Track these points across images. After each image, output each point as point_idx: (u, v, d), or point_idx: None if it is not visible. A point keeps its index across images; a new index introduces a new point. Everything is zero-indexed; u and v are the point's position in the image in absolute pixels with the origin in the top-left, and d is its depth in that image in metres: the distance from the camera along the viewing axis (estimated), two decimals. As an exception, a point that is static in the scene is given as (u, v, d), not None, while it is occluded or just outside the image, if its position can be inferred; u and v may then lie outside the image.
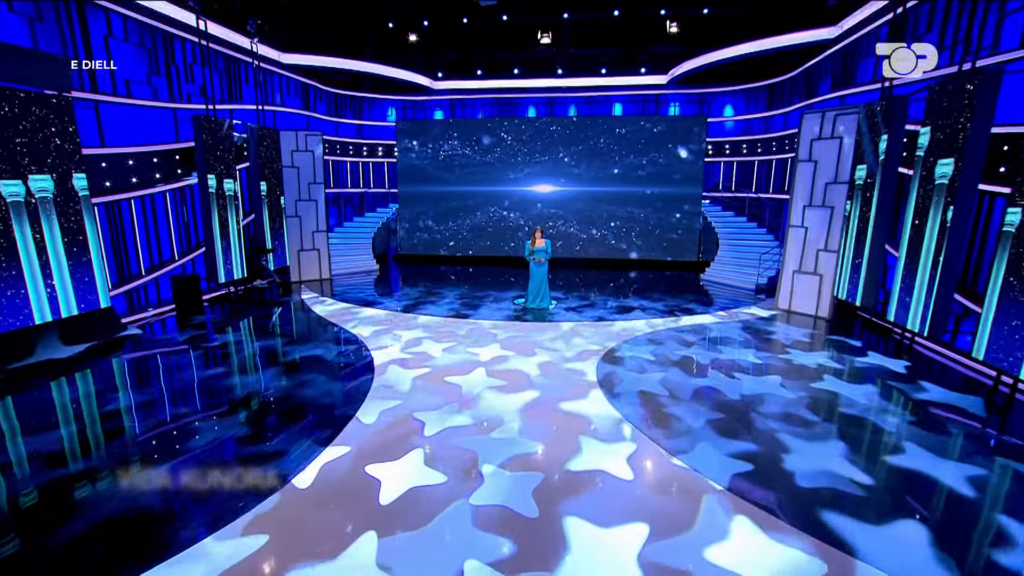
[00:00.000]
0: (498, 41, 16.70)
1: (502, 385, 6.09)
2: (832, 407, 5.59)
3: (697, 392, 5.93)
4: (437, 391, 5.91)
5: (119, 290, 9.14)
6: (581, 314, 9.82)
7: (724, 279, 13.57)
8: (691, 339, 8.14)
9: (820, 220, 9.56)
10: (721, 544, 3.35)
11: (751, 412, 5.39)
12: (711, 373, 6.55)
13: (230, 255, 10.92)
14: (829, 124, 9.24)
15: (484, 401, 5.63)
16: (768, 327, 9.02)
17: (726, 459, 4.44)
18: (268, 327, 9.03)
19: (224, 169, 10.57)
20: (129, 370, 6.78)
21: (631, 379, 6.32)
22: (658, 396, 5.79)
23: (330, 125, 17.63)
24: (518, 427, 5.00)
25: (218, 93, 11.98)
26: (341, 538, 3.37)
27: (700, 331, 8.68)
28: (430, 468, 4.26)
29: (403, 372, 6.52)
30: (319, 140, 13.21)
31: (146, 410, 5.46)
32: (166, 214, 10.36)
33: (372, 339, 8.01)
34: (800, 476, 4.20)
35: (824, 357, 7.27)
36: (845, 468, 4.32)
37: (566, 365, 6.80)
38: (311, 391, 5.92)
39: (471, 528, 3.50)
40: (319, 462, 4.32)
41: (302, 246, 13.30)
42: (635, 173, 15.65)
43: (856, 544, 3.35)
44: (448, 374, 6.45)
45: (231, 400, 5.71)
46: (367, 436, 4.80)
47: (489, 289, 12.38)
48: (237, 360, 7.11)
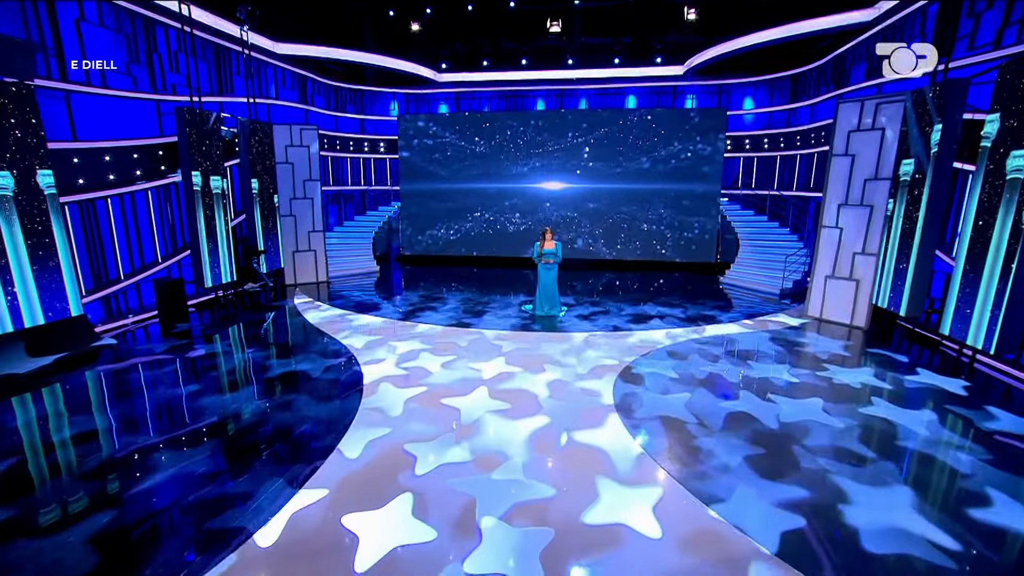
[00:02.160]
0: (505, 30, 15.89)
1: (506, 409, 5.34)
2: (888, 439, 4.78)
3: (729, 419, 5.14)
4: (432, 417, 5.18)
5: (93, 296, 8.48)
6: (594, 322, 9.04)
7: (746, 283, 12.72)
8: (716, 352, 7.33)
9: (857, 220, 8.69)
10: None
11: (794, 445, 4.60)
12: (743, 395, 5.76)
13: (217, 257, 10.25)
14: (869, 114, 8.36)
15: (486, 429, 4.89)
16: (800, 338, 8.19)
17: (772, 510, 3.66)
18: (254, 337, 8.34)
19: (210, 165, 9.89)
20: (91, 389, 6.09)
21: (653, 401, 5.54)
22: (685, 424, 5.01)
23: (329, 119, 16.93)
24: (523, 464, 4.26)
25: (205, 84, 11.30)
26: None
27: (725, 343, 7.87)
28: (418, 519, 3.54)
29: (395, 392, 5.79)
30: (315, 134, 12.50)
31: (98, 439, 4.77)
32: (148, 214, 9.69)
33: (365, 351, 7.29)
34: (866, 536, 3.41)
35: (868, 375, 6.44)
36: (920, 525, 3.53)
37: (579, 384, 6.04)
38: (290, 415, 5.21)
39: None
40: (289, 509, 3.62)
41: (297, 247, 12.61)
42: (649, 169, 14.79)
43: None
44: (446, 395, 5.73)
45: (198, 427, 5.00)
46: (348, 475, 4.09)
47: (495, 293, 11.63)
48: (214, 377, 6.41)
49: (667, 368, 6.60)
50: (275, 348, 7.65)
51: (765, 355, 7.25)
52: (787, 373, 6.48)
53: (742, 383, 6.11)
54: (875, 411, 5.36)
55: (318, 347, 7.56)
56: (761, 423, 5.04)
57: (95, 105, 8.48)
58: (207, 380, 6.29)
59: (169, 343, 7.69)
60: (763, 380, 6.22)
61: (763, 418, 5.15)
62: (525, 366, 6.64)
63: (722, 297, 11.45)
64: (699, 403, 5.50)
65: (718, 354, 7.26)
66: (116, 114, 8.88)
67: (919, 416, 5.27)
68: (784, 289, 11.61)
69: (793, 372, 6.52)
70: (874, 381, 6.23)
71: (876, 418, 5.20)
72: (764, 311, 10.00)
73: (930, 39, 9.12)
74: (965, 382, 6.19)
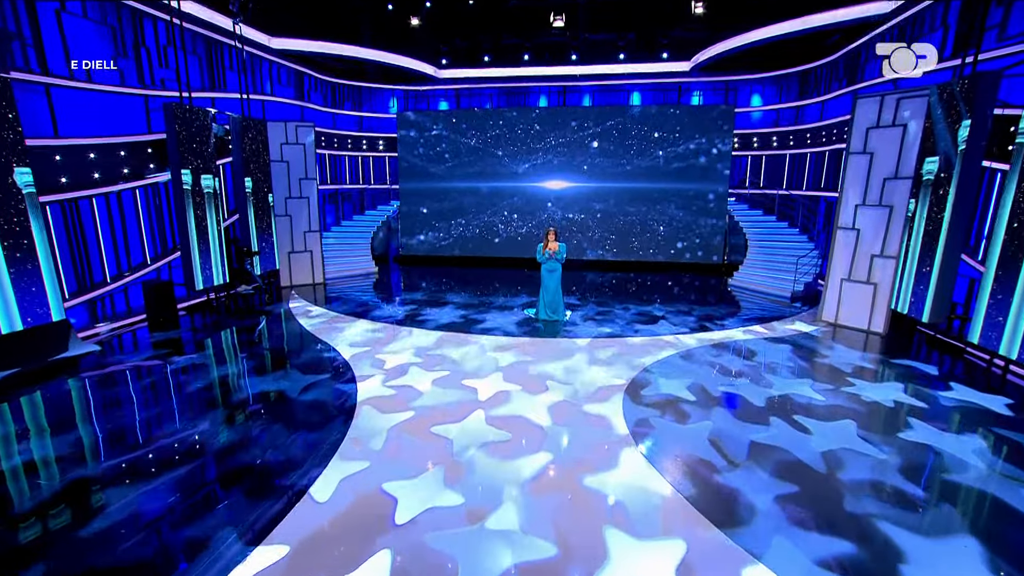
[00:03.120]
0: (507, 25, 15.49)
1: (503, 441, 4.74)
2: (939, 473, 4.29)
3: (755, 449, 4.63)
4: (418, 449, 4.59)
5: (77, 300, 8.12)
6: (599, 324, 8.67)
7: (755, 285, 12.32)
8: (732, 365, 6.89)
9: (876, 221, 8.30)
10: None
11: (831, 481, 4.12)
12: (767, 416, 5.29)
13: (209, 259, 9.89)
14: (890, 109, 7.97)
15: (479, 466, 4.30)
16: (817, 346, 7.80)
17: (814, 570, 3.15)
18: (244, 344, 7.98)
19: (201, 163, 9.52)
20: (53, 404, 5.71)
21: (668, 430, 5.01)
22: (705, 458, 4.46)
23: (327, 117, 16.54)
24: (521, 512, 3.71)
25: (197, 79, 10.92)
26: None
27: (740, 352, 7.48)
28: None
29: (379, 418, 5.20)
30: (311, 131, 12.13)
31: (36, 469, 4.28)
32: (136, 213, 9.33)
33: (354, 363, 6.82)
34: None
35: (898, 391, 6.01)
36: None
37: (585, 407, 5.49)
38: (259, 447, 4.63)
39: None
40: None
41: (293, 248, 12.25)
42: (654, 168, 14.39)
43: None
44: (436, 420, 5.15)
45: (157, 459, 4.45)
46: (316, 527, 3.52)
47: (495, 295, 11.24)
48: (187, 395, 5.88)
49: (681, 386, 6.16)
50: (260, 359, 7.23)
51: (784, 367, 6.85)
52: (810, 389, 6.03)
53: (765, 404, 5.63)
54: (916, 436, 4.89)
55: (305, 358, 7.14)
56: (791, 453, 4.54)
57: (79, 100, 8.10)
58: (180, 399, 5.79)
59: (152, 351, 7.32)
60: (786, 399, 5.76)
61: (792, 447, 4.65)
62: (525, 384, 6.09)
63: (732, 300, 11.06)
64: (721, 430, 4.99)
65: (734, 367, 6.86)
66: (101, 110, 8.51)
67: (966, 443, 4.78)
68: (795, 292, 11.22)
69: (817, 388, 6.06)
70: (908, 399, 5.77)
71: (919, 446, 4.72)
72: (776, 315, 9.62)
73: (954, 30, 8.73)
74: (1007, 399, 5.75)
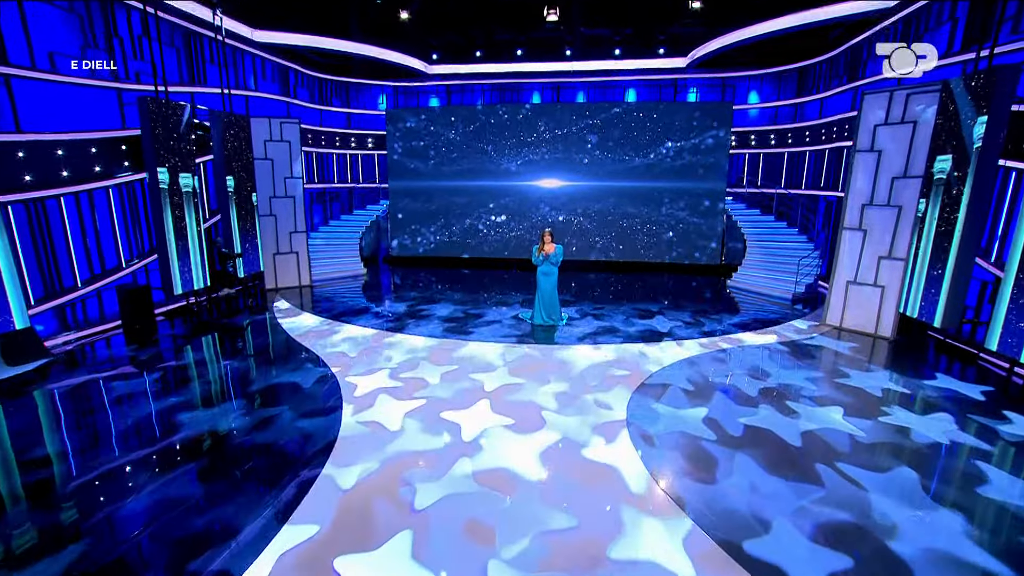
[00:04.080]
0: (500, 20, 15.07)
1: (492, 508, 3.69)
2: None
3: (788, 493, 3.90)
4: (378, 519, 3.56)
5: (43, 306, 7.63)
6: (595, 326, 8.34)
7: (754, 286, 12.04)
8: (745, 381, 6.28)
9: (883, 222, 8.02)
10: None
11: (885, 542, 3.37)
12: (797, 455, 4.51)
13: (188, 261, 9.41)
14: (899, 105, 7.68)
15: (463, 546, 3.32)
16: (828, 354, 7.49)
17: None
18: (222, 353, 7.54)
19: (179, 161, 9.04)
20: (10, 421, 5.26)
21: (685, 469, 4.24)
22: (740, 509, 3.70)
23: (314, 113, 16.04)
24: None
25: (175, 73, 10.41)
26: None
27: (748, 361, 7.11)
28: None
29: (336, 481, 4.02)
30: (296, 128, 11.66)
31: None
32: (110, 214, 8.83)
33: (323, 387, 5.99)
34: None
35: (949, 423, 5.16)
36: None
37: (587, 453, 4.51)
38: (197, 515, 3.65)
39: None
40: None
41: (278, 249, 11.78)
42: (649, 166, 14.06)
43: None
44: (407, 467, 4.19)
45: (80, 509, 3.75)
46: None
47: (488, 298, 10.85)
48: (130, 423, 5.23)
49: (692, 408, 5.82)
50: (237, 374, 6.81)
51: (799, 378, 6.37)
52: (842, 418, 5.26)
53: (795, 445, 4.72)
54: (1000, 492, 3.97)
55: (278, 376, 6.69)
56: (838, 512, 3.68)
57: (45, 93, 7.60)
58: (122, 426, 5.12)
59: (122, 363, 6.85)
60: (822, 439, 4.82)
61: (833, 488, 3.93)
62: (518, 416, 5.14)
63: (732, 303, 10.76)
64: (745, 466, 4.24)
65: (750, 386, 6.40)
66: (70, 103, 8.00)
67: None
68: (796, 294, 10.94)
69: (854, 421, 5.18)
70: (964, 436, 4.88)
71: (977, 475, 4.10)
72: (779, 318, 9.32)
73: (963, 23, 8.47)
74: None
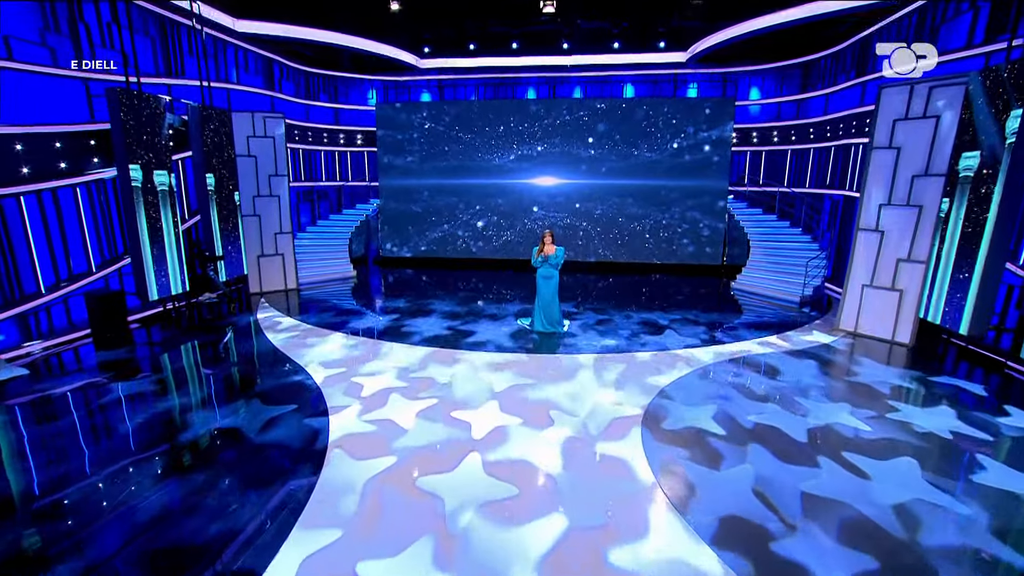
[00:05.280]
0: (494, 11, 14.50)
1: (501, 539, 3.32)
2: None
3: (810, 503, 3.75)
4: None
5: (2, 315, 7.01)
6: (600, 334, 7.88)
7: (759, 288, 11.63)
8: (757, 386, 6.07)
9: (903, 222, 7.61)
10: None
11: (913, 550, 3.29)
12: (814, 456, 4.45)
13: (165, 265, 8.81)
14: (921, 99, 7.27)
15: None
16: (844, 361, 7.08)
17: None
18: (201, 363, 6.98)
19: (153, 158, 8.43)
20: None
21: (704, 481, 4.01)
22: (757, 520, 3.55)
23: (300, 108, 15.40)
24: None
25: (149, 63, 9.76)
26: None
27: (761, 368, 6.71)
28: None
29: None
30: (281, 123, 11.06)
31: None
32: (78, 214, 8.21)
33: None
34: None
35: (951, 417, 5.26)
36: None
37: (600, 457, 4.38)
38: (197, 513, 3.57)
39: None
40: None
41: (262, 251, 11.17)
42: (649, 163, 13.62)
43: None
44: (406, 513, 3.58)
45: (44, 524, 3.46)
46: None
47: (484, 303, 10.34)
48: (114, 432, 4.87)
49: (706, 415, 5.35)
50: (210, 393, 6.26)
51: (814, 387, 6.09)
52: (850, 415, 5.31)
53: (807, 437, 4.83)
54: (992, 480, 4.04)
55: (268, 387, 6.19)
56: (852, 507, 3.70)
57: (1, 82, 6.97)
58: (99, 435, 4.81)
59: (86, 377, 6.26)
60: (826, 428, 5.01)
61: (854, 499, 3.79)
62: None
63: (738, 306, 10.35)
64: (766, 477, 4.03)
65: (760, 390, 6.08)
66: (30, 94, 7.37)
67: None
68: (804, 297, 10.55)
69: (857, 413, 5.35)
70: (965, 428, 4.93)
71: (1002, 495, 3.87)
72: (789, 322, 8.91)
73: (986, 10, 8.08)
74: None
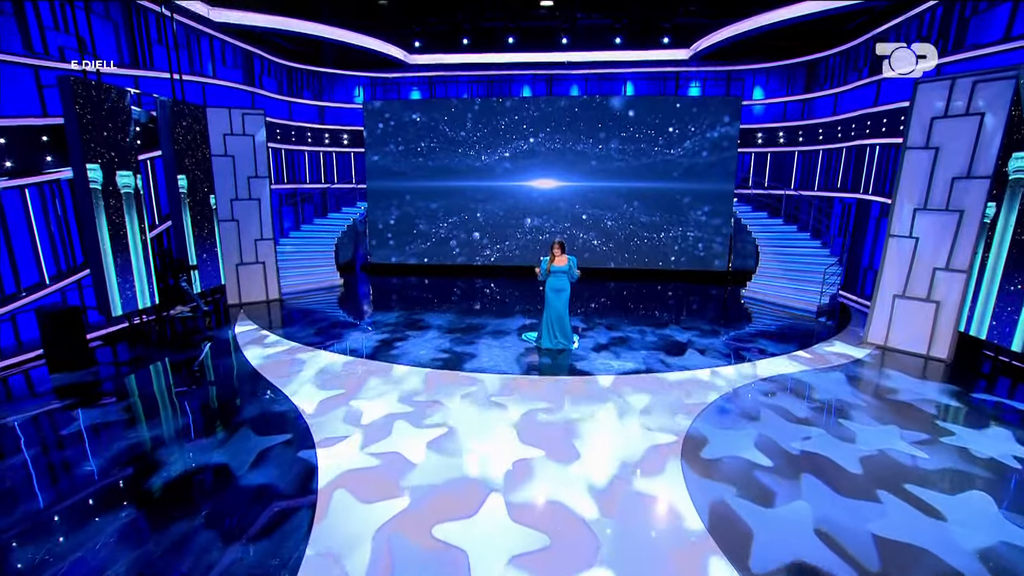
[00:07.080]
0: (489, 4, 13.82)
1: None
2: None
3: (885, 548, 3.30)
4: None
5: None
6: (614, 353, 7.19)
7: (772, 297, 11.05)
8: (794, 407, 5.48)
9: (940, 228, 7.05)
10: None
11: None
12: (872, 489, 3.95)
13: (130, 275, 7.93)
14: (963, 95, 6.71)
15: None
16: (880, 378, 6.48)
17: None
18: (167, 394, 6.14)
19: (115, 156, 7.57)
20: None
21: (759, 522, 3.56)
22: (827, 568, 3.12)
23: (282, 106, 14.51)
24: None
25: (112, 52, 8.87)
26: None
27: (795, 389, 6.07)
28: None
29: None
30: (261, 120, 10.21)
31: None
32: (28, 219, 7.30)
33: (291, 448, 4.74)
34: None
35: (1010, 440, 4.81)
36: None
37: (638, 495, 3.96)
38: None
39: None
40: None
41: (241, 259, 10.29)
42: (651, 165, 13.00)
43: None
44: (423, 573, 3.02)
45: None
46: None
47: (483, 316, 9.59)
48: (72, 475, 4.18)
49: (747, 444, 4.72)
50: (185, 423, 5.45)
51: (857, 408, 5.48)
52: (906, 444, 4.71)
53: (863, 475, 4.26)
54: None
55: (250, 415, 5.40)
56: (942, 561, 3.20)
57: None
58: (55, 479, 4.07)
59: (35, 405, 5.41)
60: (884, 458, 4.41)
61: (943, 552, 3.29)
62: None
63: (751, 316, 9.75)
64: (836, 522, 3.55)
65: (800, 414, 5.44)
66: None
67: None
68: (822, 306, 9.98)
69: (909, 439, 4.75)
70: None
71: None
72: (811, 334, 8.32)
73: None
74: None
